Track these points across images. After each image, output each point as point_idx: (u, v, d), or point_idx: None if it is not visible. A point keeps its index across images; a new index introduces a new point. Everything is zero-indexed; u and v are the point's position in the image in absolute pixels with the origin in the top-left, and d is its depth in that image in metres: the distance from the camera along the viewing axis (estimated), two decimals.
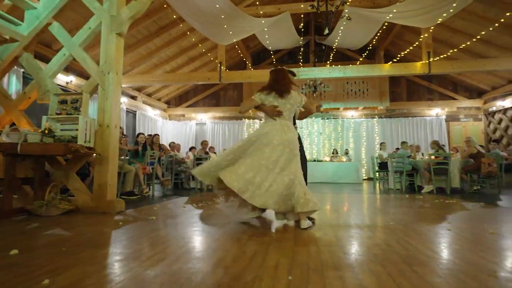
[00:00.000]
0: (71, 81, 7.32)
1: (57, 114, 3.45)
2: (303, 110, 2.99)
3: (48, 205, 3.09)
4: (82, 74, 7.36)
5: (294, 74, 3.07)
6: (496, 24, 6.59)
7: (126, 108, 9.87)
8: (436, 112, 11.23)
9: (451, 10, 5.83)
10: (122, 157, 4.88)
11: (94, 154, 3.44)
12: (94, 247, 1.93)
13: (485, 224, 2.78)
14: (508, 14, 6.20)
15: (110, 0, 3.62)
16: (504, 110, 9.84)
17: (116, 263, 1.63)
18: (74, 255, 1.74)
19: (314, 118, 11.82)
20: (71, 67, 7.00)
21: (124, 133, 8.36)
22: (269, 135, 2.65)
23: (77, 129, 3.26)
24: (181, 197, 5.20)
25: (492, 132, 10.45)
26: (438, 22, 6.45)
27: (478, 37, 7.18)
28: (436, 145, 6.96)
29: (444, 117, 11.18)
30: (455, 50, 7.76)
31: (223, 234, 2.34)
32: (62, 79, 7.14)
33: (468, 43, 7.48)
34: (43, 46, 6.44)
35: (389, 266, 1.57)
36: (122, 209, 3.46)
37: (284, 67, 2.93)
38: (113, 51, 3.58)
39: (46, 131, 3.16)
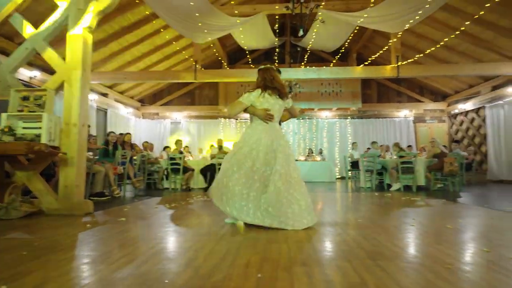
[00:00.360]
0: (35, 76, 6.92)
1: (19, 111, 3.26)
2: (287, 114, 2.96)
3: (8, 207, 2.92)
4: (48, 69, 6.98)
5: (280, 72, 3.05)
6: (457, 32, 7.03)
7: (97, 106, 9.48)
8: (404, 113, 11.77)
9: (417, 17, 6.14)
10: (91, 157, 4.70)
11: (60, 154, 3.28)
12: (58, 251, 1.85)
13: (444, 219, 2.97)
14: (467, 23, 6.63)
15: None
16: (466, 113, 10.52)
17: (82, 266, 1.57)
18: (36, 259, 1.66)
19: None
20: (35, 62, 6.62)
21: (92, 132, 8.04)
22: (273, 148, 2.57)
23: (40, 127, 3.10)
24: (153, 198, 5.09)
25: (455, 133, 11.12)
26: (406, 27, 6.77)
27: (442, 43, 7.62)
28: (398, 147, 7.34)
29: (411, 118, 11.74)
30: (421, 55, 8.19)
31: (195, 234, 2.33)
32: (26, 74, 6.74)
33: (433, 48, 7.92)
34: (4, 39, 6.04)
35: (355, 261, 1.64)
36: (90, 211, 3.33)
37: (273, 66, 2.79)
38: (81, 46, 3.44)
39: (6, 129, 2.98)
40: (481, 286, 1.32)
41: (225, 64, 11.16)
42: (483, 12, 6.25)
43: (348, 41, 9.40)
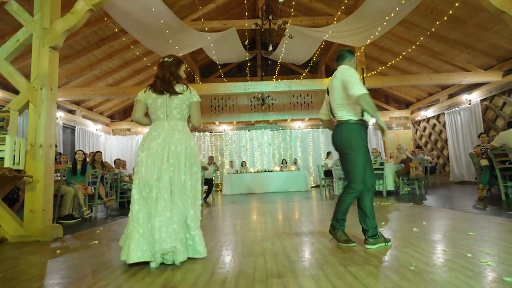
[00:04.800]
0: None
1: None
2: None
3: None
4: (9, 87, 6.66)
5: (181, 62, 2.36)
6: (413, 46, 7.59)
7: (63, 124, 9.11)
8: (372, 121, 12.22)
9: (377, 33, 6.59)
10: (58, 178, 4.50)
11: (25, 177, 3.14)
12: (26, 281, 1.77)
13: (411, 222, 3.15)
14: (422, 38, 7.20)
15: (42, 11, 3.41)
16: (427, 119, 11.22)
17: None
18: None
19: (263, 129, 12.17)
20: None
21: (59, 151, 7.72)
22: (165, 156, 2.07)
23: (3, 150, 2.96)
24: (127, 217, 4.93)
25: (419, 138, 11.80)
26: (368, 42, 7.21)
27: (401, 56, 8.18)
28: (376, 151, 7.72)
29: None
30: (383, 67, 8.71)
31: None
32: None
33: (393, 62, 8.47)
34: None
35: (327, 268, 1.72)
36: (59, 236, 3.19)
37: (167, 59, 2.32)
38: (46, 65, 3.35)
39: None
40: (441, 285, 1.43)
41: (197, 77, 11.19)
42: (433, 29, 6.82)
43: (317, 54, 9.80)
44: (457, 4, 5.97)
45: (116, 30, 7.03)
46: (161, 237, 1.90)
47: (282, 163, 11.18)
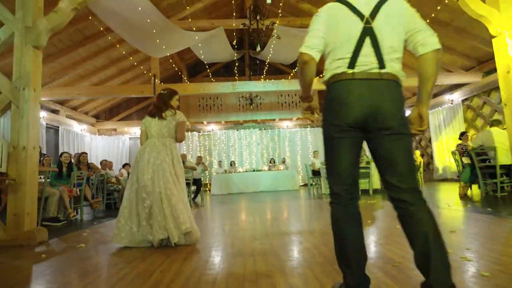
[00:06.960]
0: None
1: None
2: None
3: None
4: None
5: (174, 93, 3.10)
6: None
7: (46, 124, 8.87)
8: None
9: None
10: (42, 180, 4.39)
11: (8, 180, 3.05)
12: (10, 287, 1.73)
13: (395, 220, 3.23)
14: None
15: (24, 9, 3.31)
16: None
17: None
18: None
19: (252, 129, 12.20)
20: None
21: (44, 152, 7.54)
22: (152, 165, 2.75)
23: None
24: (114, 219, 4.85)
25: None
26: None
27: None
28: (363, 149, 7.88)
29: None
30: None
31: (161, 255, 2.31)
32: None
33: None
34: None
35: (315, 267, 1.76)
36: (44, 239, 3.12)
37: (162, 91, 3.04)
38: (29, 65, 3.26)
39: None
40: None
41: (184, 77, 11.10)
42: None
43: None
44: (439, 8, 6.14)
45: (101, 28, 6.89)
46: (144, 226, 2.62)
47: (270, 163, 11.23)
